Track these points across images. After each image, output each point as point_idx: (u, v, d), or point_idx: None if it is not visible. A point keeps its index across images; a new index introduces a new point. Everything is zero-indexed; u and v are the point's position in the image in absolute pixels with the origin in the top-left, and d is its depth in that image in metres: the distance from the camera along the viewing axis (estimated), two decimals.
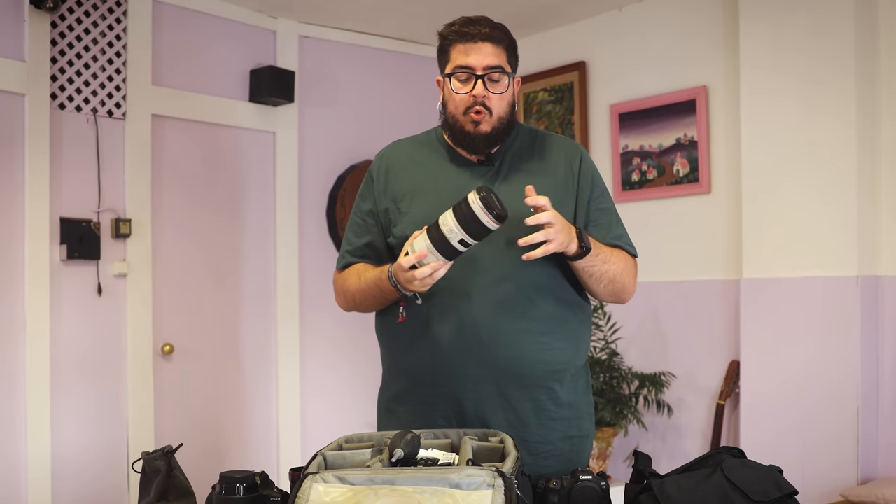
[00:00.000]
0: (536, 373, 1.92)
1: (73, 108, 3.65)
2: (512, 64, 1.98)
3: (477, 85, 1.92)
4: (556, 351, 1.94)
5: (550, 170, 2.02)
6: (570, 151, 2.06)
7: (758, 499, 1.48)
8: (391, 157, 2.09)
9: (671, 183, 4.05)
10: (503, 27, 1.98)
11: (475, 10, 4.50)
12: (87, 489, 3.64)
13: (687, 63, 4.01)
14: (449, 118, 1.99)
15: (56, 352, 3.57)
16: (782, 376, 3.52)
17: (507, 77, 1.95)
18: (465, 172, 2.00)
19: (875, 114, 3.44)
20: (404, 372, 2.01)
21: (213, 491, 1.61)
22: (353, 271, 2.06)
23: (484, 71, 1.92)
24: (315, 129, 4.47)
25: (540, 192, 1.88)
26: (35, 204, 3.51)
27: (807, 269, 3.48)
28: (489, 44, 1.93)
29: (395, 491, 1.33)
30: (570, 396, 1.99)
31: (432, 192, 1.98)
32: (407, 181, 2.03)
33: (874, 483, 3.23)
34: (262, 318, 4.29)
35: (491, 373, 1.90)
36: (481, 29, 1.94)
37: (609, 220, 2.07)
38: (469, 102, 1.93)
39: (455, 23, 1.99)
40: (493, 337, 1.89)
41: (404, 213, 1.99)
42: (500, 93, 1.94)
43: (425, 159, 2.06)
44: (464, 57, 1.94)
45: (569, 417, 1.98)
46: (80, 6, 3.66)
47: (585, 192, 2.03)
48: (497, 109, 1.95)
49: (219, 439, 4.10)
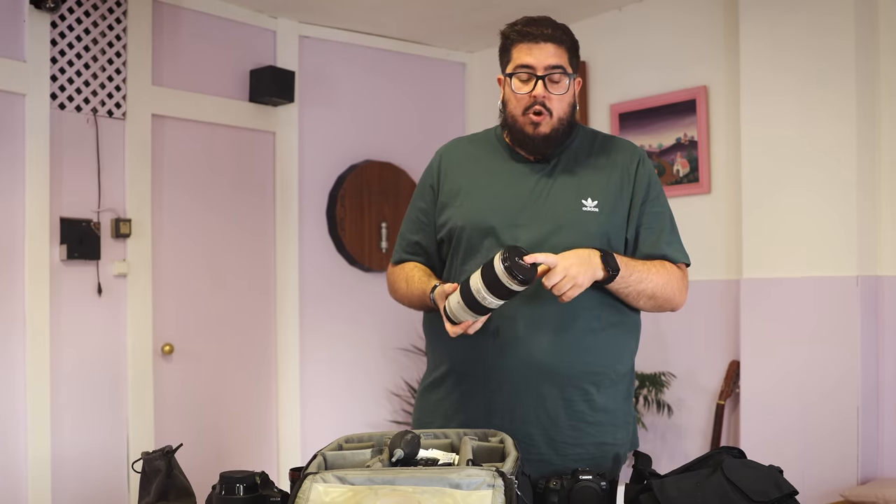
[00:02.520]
0: (571, 372, 1.90)
1: (73, 108, 3.65)
2: (573, 64, 1.97)
3: (537, 85, 1.92)
4: (595, 353, 1.92)
5: (606, 170, 2.01)
6: (629, 154, 2.04)
7: (758, 499, 1.48)
8: (448, 154, 2.11)
9: (671, 183, 4.05)
10: (565, 28, 1.98)
11: (475, 10, 4.48)
12: (87, 489, 3.64)
13: (687, 63, 4.01)
14: (508, 118, 1.99)
15: (56, 352, 3.56)
16: (782, 376, 3.52)
17: (567, 78, 1.94)
18: (519, 169, 2.01)
19: (875, 114, 3.44)
20: (442, 360, 2.04)
21: (213, 491, 1.61)
22: (403, 274, 2.09)
23: (545, 71, 1.92)
24: (315, 129, 4.47)
25: (592, 191, 1.94)
26: (35, 204, 3.51)
27: (807, 269, 3.48)
28: (551, 44, 1.92)
29: (395, 491, 1.33)
30: (607, 402, 1.95)
31: (485, 187, 2.00)
32: (462, 176, 2.05)
33: (874, 483, 3.23)
34: (262, 318, 4.29)
35: (525, 367, 1.89)
36: (544, 29, 1.92)
37: (661, 224, 2.02)
38: (529, 102, 1.93)
39: (518, 22, 1.97)
40: (530, 332, 1.88)
41: (457, 207, 2.01)
42: (561, 94, 1.94)
43: (482, 155, 2.07)
44: (525, 56, 1.92)
45: (603, 423, 1.94)
46: (80, 6, 3.66)
47: (640, 196, 2.01)
48: (557, 110, 1.94)
49: (219, 439, 4.10)
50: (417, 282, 2.02)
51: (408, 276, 2.07)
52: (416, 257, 2.10)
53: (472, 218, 1.97)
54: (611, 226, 1.96)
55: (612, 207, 1.96)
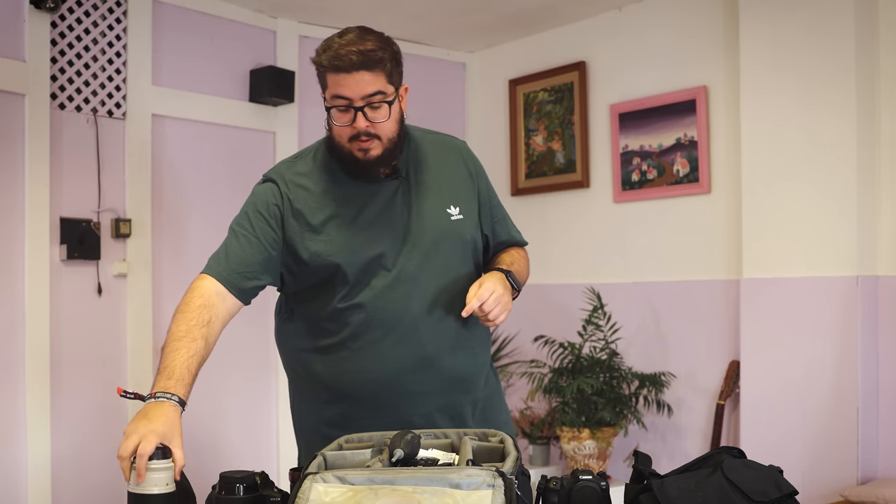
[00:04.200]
0: (472, 377, 2.02)
1: (73, 108, 3.65)
2: (395, 80, 1.86)
3: (357, 117, 1.82)
4: (481, 354, 2.05)
5: (452, 174, 2.02)
6: (462, 152, 2.07)
7: (758, 499, 1.48)
8: (285, 181, 1.94)
9: (671, 183, 4.05)
10: (379, 40, 1.84)
11: (475, 10, 4.48)
12: (86, 489, 3.64)
13: (687, 63, 4.01)
14: (336, 144, 1.89)
15: (56, 352, 3.56)
16: (782, 376, 3.52)
17: (387, 104, 1.83)
18: (374, 190, 1.92)
19: (875, 113, 3.44)
20: (342, 395, 1.96)
21: (213, 491, 1.61)
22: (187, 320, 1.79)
23: (363, 102, 1.81)
24: (315, 129, 4.46)
25: (452, 198, 1.97)
26: (35, 204, 3.51)
27: (807, 269, 3.48)
28: (364, 71, 1.79)
29: (395, 491, 1.33)
30: (490, 386, 2.11)
31: (350, 216, 1.91)
32: (316, 207, 1.91)
33: (874, 483, 3.23)
34: (261, 318, 4.28)
35: (440, 385, 1.96)
36: (352, 58, 1.78)
37: (504, 214, 2.13)
38: (353, 133, 1.84)
39: (328, 46, 1.83)
40: (437, 352, 1.93)
41: (323, 241, 1.90)
42: (383, 120, 1.84)
43: (326, 182, 1.93)
44: (339, 88, 1.81)
45: (497, 403, 2.13)
46: (80, 6, 3.66)
47: (484, 193, 2.06)
48: (385, 132, 1.85)
49: (219, 439, 4.10)
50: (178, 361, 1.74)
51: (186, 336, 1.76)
52: (250, 282, 1.94)
53: (351, 253, 1.88)
54: (474, 229, 2.02)
55: (469, 211, 2.00)
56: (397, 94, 1.88)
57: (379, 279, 1.91)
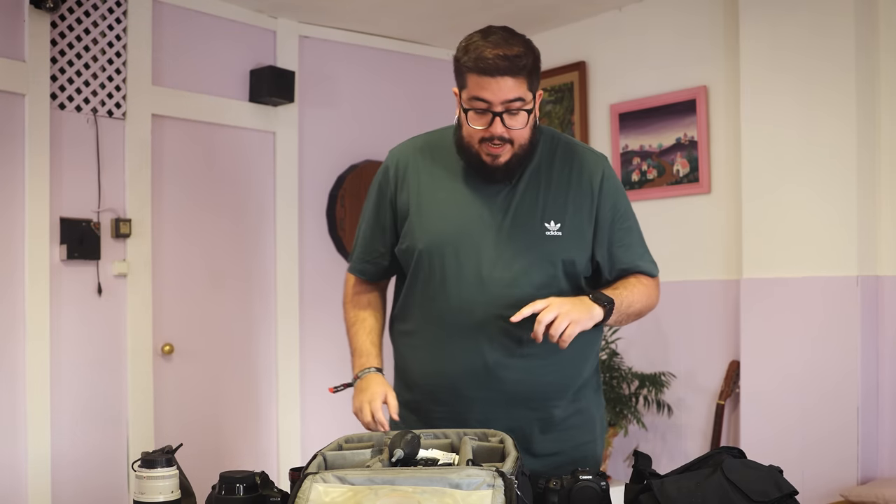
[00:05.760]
0: (536, 395, 1.93)
1: (73, 108, 3.65)
2: (534, 86, 1.82)
3: (495, 122, 1.79)
4: (551, 374, 1.93)
5: (569, 188, 1.93)
6: (592, 167, 1.96)
7: (758, 499, 1.48)
8: (403, 160, 2.00)
9: (671, 183, 4.05)
10: (523, 45, 1.79)
11: (475, 10, 4.47)
12: (87, 489, 3.64)
13: (687, 63, 4.01)
14: (465, 142, 1.87)
15: (56, 352, 3.56)
16: (782, 376, 3.52)
17: (527, 111, 1.81)
18: (480, 186, 1.91)
19: (875, 113, 3.44)
20: (414, 384, 2.02)
21: (213, 491, 1.61)
22: (354, 312, 2.09)
23: (503, 107, 1.78)
24: (315, 129, 4.47)
25: (555, 213, 1.89)
26: (35, 204, 3.51)
27: (807, 269, 3.48)
28: (508, 77, 1.76)
29: (395, 491, 1.33)
30: (578, 406, 1.98)
31: (445, 206, 1.93)
32: (420, 189, 1.95)
33: (874, 483, 3.23)
34: (262, 318, 4.29)
35: (499, 396, 1.91)
36: (499, 62, 1.74)
37: (632, 240, 2.00)
38: (486, 135, 1.81)
39: (472, 45, 1.78)
40: (497, 364, 1.89)
41: (416, 224, 1.94)
42: (521, 127, 1.81)
43: (438, 167, 1.96)
44: (480, 90, 1.77)
45: (578, 425, 1.99)
46: (80, 6, 3.66)
47: (607, 216, 1.95)
48: (518, 139, 1.83)
49: (219, 439, 4.10)
50: (359, 341, 2.04)
51: (355, 317, 2.09)
52: (375, 266, 2.06)
53: (433, 240, 1.90)
54: (574, 249, 1.92)
55: (575, 230, 1.91)
56: (534, 100, 1.85)
57: (455, 277, 1.90)
